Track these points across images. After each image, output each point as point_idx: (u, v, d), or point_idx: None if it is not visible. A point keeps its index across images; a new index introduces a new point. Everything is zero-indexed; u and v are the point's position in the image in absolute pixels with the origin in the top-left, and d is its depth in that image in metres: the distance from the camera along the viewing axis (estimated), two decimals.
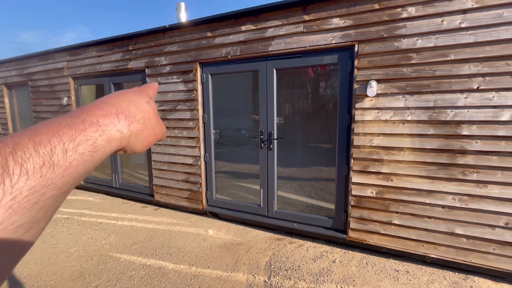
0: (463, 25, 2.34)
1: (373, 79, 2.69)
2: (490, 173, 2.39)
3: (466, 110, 2.41)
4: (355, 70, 2.78)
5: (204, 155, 3.92)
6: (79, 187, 5.45)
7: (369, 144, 2.80)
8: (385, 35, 2.61)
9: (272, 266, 2.79)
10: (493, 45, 2.27)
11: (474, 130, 2.40)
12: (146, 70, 4.14)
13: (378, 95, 2.69)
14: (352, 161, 2.90)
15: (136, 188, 4.75)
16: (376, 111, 2.73)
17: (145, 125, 0.34)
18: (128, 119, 0.32)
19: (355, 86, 2.80)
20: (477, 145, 2.40)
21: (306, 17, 2.94)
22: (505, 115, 2.29)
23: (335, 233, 3.13)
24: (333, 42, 2.86)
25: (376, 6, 2.62)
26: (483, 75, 2.32)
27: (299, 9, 2.97)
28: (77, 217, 4.10)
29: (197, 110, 3.80)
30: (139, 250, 3.13)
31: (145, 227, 3.72)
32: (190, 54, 3.74)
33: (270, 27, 3.16)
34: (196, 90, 3.76)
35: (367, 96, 2.73)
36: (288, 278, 2.62)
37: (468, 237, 2.52)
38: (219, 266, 2.82)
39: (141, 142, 0.34)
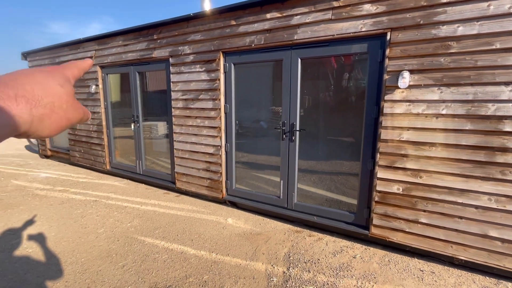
0: None
1: (406, 70, 2.53)
2: None
3: (510, 104, 2.21)
4: (386, 60, 2.63)
5: (225, 145, 3.94)
6: (105, 172, 5.72)
7: (397, 139, 2.67)
8: (421, 22, 2.43)
9: (291, 258, 2.79)
10: None
11: None
12: (170, 59, 4.18)
13: (410, 86, 2.54)
14: (378, 155, 2.79)
15: (159, 175, 4.90)
16: (407, 103, 2.58)
17: (53, 109, 0.32)
18: (30, 103, 0.30)
19: (385, 76, 2.65)
20: None
21: (335, 3, 2.80)
22: None
23: (357, 228, 3.06)
24: (363, 30, 2.71)
25: None
26: None
27: None
28: (104, 200, 4.31)
29: (219, 100, 3.80)
30: (162, 235, 3.25)
31: (167, 213, 3.85)
32: (213, 43, 3.72)
33: (296, 15, 3.05)
34: (219, 79, 3.75)
35: (398, 88, 2.58)
36: (307, 270, 2.60)
37: (503, 240, 2.36)
38: (239, 254, 2.86)
39: (48, 127, 0.32)
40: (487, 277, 2.48)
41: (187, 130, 4.20)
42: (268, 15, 3.23)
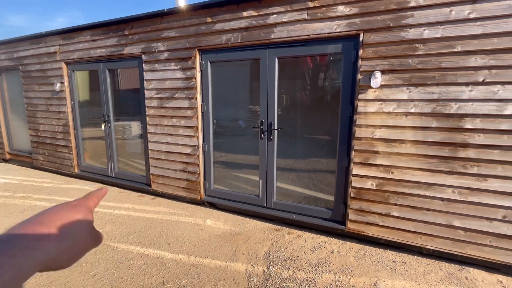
0: (471, 16, 2.29)
1: (378, 70, 2.63)
2: (491, 166, 2.40)
3: (470, 103, 2.39)
4: (360, 60, 2.72)
5: (202, 144, 3.86)
6: (73, 176, 5.36)
7: (371, 136, 2.78)
8: (391, 25, 2.55)
9: (271, 256, 2.80)
10: (501, 37, 2.22)
11: (477, 123, 2.38)
12: (143, 56, 4.01)
13: (382, 86, 2.65)
14: (353, 153, 2.88)
15: (133, 177, 4.68)
16: (379, 102, 2.70)
17: (75, 241, 0.35)
18: (58, 239, 0.33)
19: (359, 76, 2.74)
20: (479, 139, 2.40)
21: (311, 4, 2.85)
22: (509, 109, 2.28)
23: (334, 224, 3.14)
24: (337, 30, 2.78)
25: None
26: (490, 67, 2.28)
27: None
28: None
29: (196, 98, 3.71)
30: (137, 240, 3.10)
31: (142, 217, 3.69)
32: (189, 41, 3.62)
33: (272, 14, 3.06)
34: (195, 78, 3.66)
35: (371, 87, 2.68)
36: (287, 268, 2.63)
37: (465, 229, 2.55)
38: (218, 256, 2.81)
39: (69, 258, 0.34)
40: (452, 264, 2.66)
41: (162, 130, 4.06)
42: (245, 13, 3.20)
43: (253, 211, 3.61)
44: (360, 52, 2.70)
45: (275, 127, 3.37)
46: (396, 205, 2.78)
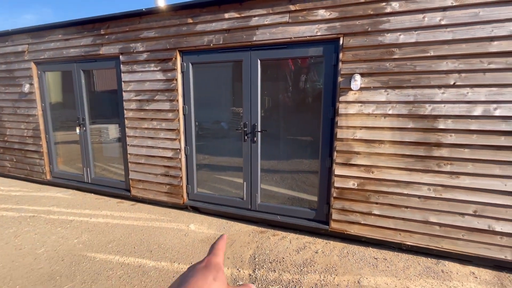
0: (442, 22, 2.42)
1: (357, 73, 2.71)
2: (462, 164, 2.54)
3: (442, 105, 2.52)
4: (340, 63, 2.79)
5: (184, 148, 3.77)
6: (44, 183, 5.04)
7: (352, 137, 2.85)
8: (369, 29, 2.64)
9: (256, 259, 2.78)
10: (469, 43, 2.37)
11: (449, 124, 2.52)
12: (121, 56, 3.86)
13: (361, 88, 2.73)
14: (335, 154, 2.94)
15: (111, 183, 4.48)
16: (359, 104, 2.78)
17: None
18: None
19: (340, 79, 2.81)
20: (452, 139, 2.54)
21: (292, 7, 2.88)
22: (478, 110, 2.43)
23: (318, 224, 3.19)
24: (318, 34, 2.83)
25: (362, 0, 2.62)
26: (459, 71, 2.43)
27: None
28: (45, 215, 3.79)
29: (177, 100, 3.62)
30: (116, 248, 2.96)
31: (121, 224, 3.53)
32: (169, 41, 3.53)
33: (254, 16, 3.06)
34: (176, 79, 3.58)
35: (351, 90, 2.76)
36: (273, 270, 2.62)
37: (440, 225, 2.68)
38: None
39: None
40: (429, 258, 2.78)
41: (142, 133, 3.92)
42: (227, 15, 3.18)
43: (237, 214, 3.57)
44: (340, 55, 2.77)
45: (259, 129, 3.37)
46: (376, 203, 2.87)
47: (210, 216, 3.76)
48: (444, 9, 2.40)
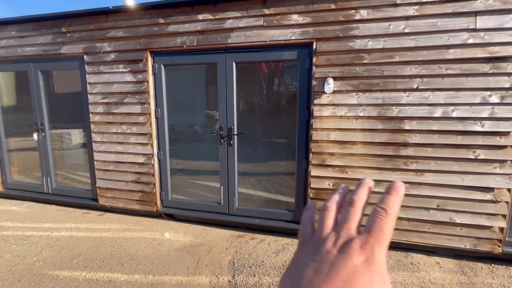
0: (406, 30, 2.60)
1: (330, 77, 2.81)
2: (426, 162, 2.73)
3: (408, 107, 2.70)
4: (314, 67, 2.87)
5: (157, 152, 3.61)
6: None
7: (326, 139, 2.94)
8: (340, 35, 2.75)
9: (235, 265, 2.73)
10: (429, 50, 2.57)
11: (414, 125, 2.70)
12: (85, 57, 3.60)
13: (334, 92, 2.83)
14: (311, 155, 3.01)
15: (75, 193, 4.14)
16: (333, 107, 2.87)
17: None
18: None
19: (314, 82, 2.89)
20: (416, 139, 2.72)
21: (267, 11, 2.91)
22: (438, 112, 2.63)
23: (296, 225, 3.22)
24: (292, 38, 2.89)
25: (333, 6, 2.73)
26: (421, 76, 2.62)
27: (259, 2, 2.92)
28: None
29: (149, 103, 3.47)
30: (83, 264, 2.73)
31: (88, 237, 3.27)
32: (139, 42, 3.37)
33: (229, 18, 3.04)
34: (147, 81, 3.42)
35: (325, 93, 2.84)
36: (253, 275, 2.59)
37: (409, 219, 2.85)
38: (179, 271, 2.64)
39: None
40: (399, 252, 2.95)
41: (110, 138, 3.69)
42: (200, 16, 3.12)
43: (215, 219, 3.49)
44: (314, 59, 2.85)
45: (235, 132, 3.33)
46: None
47: (186, 223, 3.63)
48: (407, 18, 2.58)
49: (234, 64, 3.17)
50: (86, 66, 3.63)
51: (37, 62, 3.93)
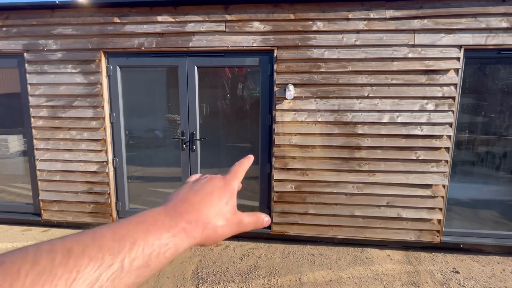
0: (357, 43, 2.83)
1: (291, 83, 2.93)
2: (377, 164, 2.99)
3: (360, 113, 2.93)
4: (275, 74, 2.96)
5: (113, 160, 3.36)
6: None
7: (288, 143, 3.04)
8: (299, 44, 2.89)
9: (199, 274, 2.66)
10: (377, 62, 2.84)
11: (366, 129, 2.94)
12: (26, 54, 3.22)
13: (295, 98, 2.95)
14: (274, 159, 3.08)
15: (12, 207, 3.65)
16: (294, 112, 2.99)
17: (216, 230, 0.34)
18: (203, 226, 0.33)
19: (275, 88, 2.98)
20: (368, 142, 2.96)
21: (228, 17, 2.93)
22: (385, 118, 2.91)
23: (261, 229, 3.25)
24: (254, 45, 2.95)
25: (292, 16, 2.86)
26: (371, 85, 2.87)
27: (220, 8, 2.93)
28: None
29: (103, 107, 3.22)
30: None
31: None
32: (91, 41, 3.13)
33: (190, 22, 2.99)
34: (101, 83, 3.19)
35: (286, 99, 2.95)
36: (217, 282, 2.55)
37: (363, 217, 3.08)
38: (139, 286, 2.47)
39: (211, 241, 0.34)
40: (356, 248, 3.15)
41: (57, 145, 3.33)
42: (160, 18, 3.02)
43: None
44: (275, 66, 2.95)
45: (198, 137, 3.27)
46: (311, 203, 3.11)
47: None
48: (358, 32, 2.82)
49: (196, 68, 3.12)
50: (26, 64, 3.24)
51: None
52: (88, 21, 3.11)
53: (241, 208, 0.35)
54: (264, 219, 0.39)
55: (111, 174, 3.36)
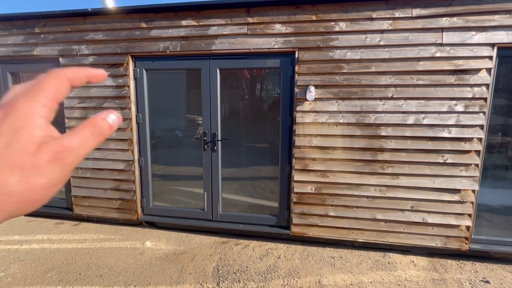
0: (381, 43, 2.77)
1: (312, 85, 2.92)
2: (401, 166, 2.91)
3: (383, 114, 2.86)
4: (296, 75, 2.96)
5: (138, 159, 3.52)
6: None
7: (308, 145, 3.03)
8: (321, 45, 2.87)
9: (220, 271, 2.72)
10: (402, 62, 2.76)
11: (390, 131, 2.87)
12: (61, 59, 3.45)
13: (316, 99, 2.94)
14: (294, 160, 3.08)
15: (47, 202, 3.90)
16: (314, 114, 2.98)
17: (7, 188, 0.23)
18: None
19: (296, 90, 2.98)
20: (392, 144, 2.89)
21: (250, 20, 2.97)
22: (410, 119, 2.82)
23: (279, 229, 3.27)
24: (275, 46, 2.97)
25: (314, 18, 2.85)
26: (396, 86, 2.80)
27: (243, 11, 2.98)
28: None
29: (130, 108, 3.38)
30: (57, 277, 2.58)
31: (63, 248, 3.10)
32: (120, 45, 3.30)
33: (213, 25, 3.07)
34: (128, 86, 3.34)
35: (307, 100, 2.94)
36: (237, 281, 2.59)
37: (386, 221, 3.00)
38: (162, 280, 2.58)
39: (16, 205, 0.23)
40: (377, 252, 3.08)
41: None
42: (184, 22, 3.12)
43: (198, 225, 3.45)
44: (296, 67, 2.95)
45: (219, 138, 3.34)
46: (332, 205, 3.08)
47: (169, 230, 3.55)
48: (382, 31, 2.76)
49: (218, 70, 3.20)
50: None
51: (6, 63, 3.69)
52: (117, 26, 3.28)
53: (260, 208, 0.27)
54: (103, 118, 0.28)
55: (137, 172, 3.52)
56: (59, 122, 3.64)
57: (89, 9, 3.24)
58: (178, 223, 3.50)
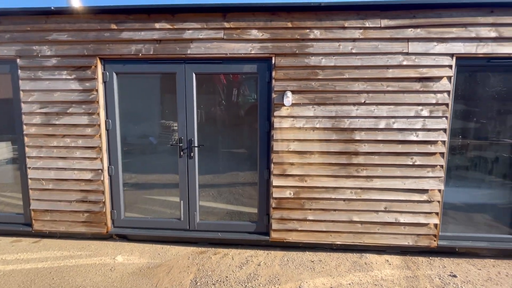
0: (353, 51, 2.89)
1: (289, 90, 2.95)
2: (374, 169, 3.02)
3: (357, 119, 2.97)
4: (273, 81, 2.98)
5: (108, 167, 3.30)
6: None
7: (286, 149, 3.05)
8: (297, 52, 2.92)
9: (198, 283, 2.61)
10: (372, 69, 2.90)
11: (363, 135, 2.98)
12: (19, 60, 3.16)
13: (293, 104, 2.97)
14: (272, 165, 3.08)
15: (1, 218, 3.51)
16: (292, 119, 3.01)
17: None
18: None
19: (273, 95, 3.00)
20: (365, 148, 3.00)
21: (227, 25, 2.95)
22: (382, 124, 2.96)
23: (259, 236, 3.23)
24: (252, 52, 2.97)
25: (289, 25, 2.90)
26: (368, 92, 2.92)
27: (219, 15, 2.95)
28: None
29: (98, 114, 3.17)
30: None
31: (19, 269, 2.78)
32: (87, 47, 3.10)
33: (188, 29, 3.00)
34: (97, 90, 3.14)
35: (284, 105, 2.97)
36: None
37: (361, 222, 3.09)
38: None
39: None
40: (354, 254, 3.15)
41: (50, 153, 3.25)
42: (157, 25, 3.02)
43: (174, 236, 3.30)
44: (273, 73, 2.97)
45: (196, 144, 3.24)
46: (310, 209, 3.11)
47: (142, 243, 3.35)
48: (354, 40, 2.88)
49: (194, 75, 3.12)
50: (19, 71, 3.18)
51: None
52: (84, 27, 3.08)
53: (238, 215, 0.31)
54: None
55: (106, 182, 3.29)
56: (17, 129, 3.32)
57: (52, 8, 3.02)
58: (153, 234, 3.31)
